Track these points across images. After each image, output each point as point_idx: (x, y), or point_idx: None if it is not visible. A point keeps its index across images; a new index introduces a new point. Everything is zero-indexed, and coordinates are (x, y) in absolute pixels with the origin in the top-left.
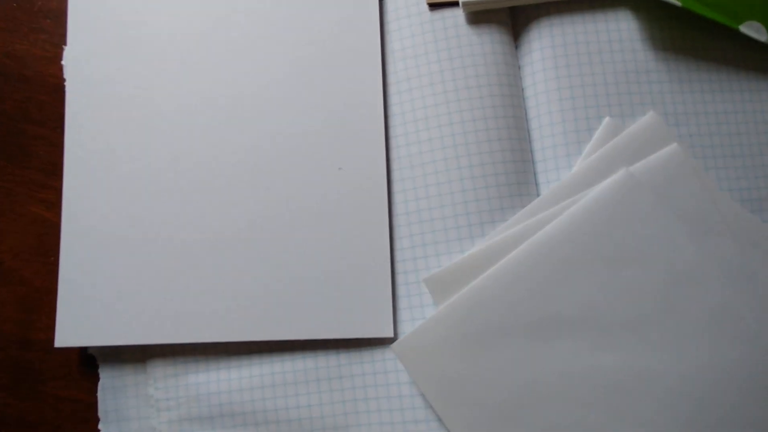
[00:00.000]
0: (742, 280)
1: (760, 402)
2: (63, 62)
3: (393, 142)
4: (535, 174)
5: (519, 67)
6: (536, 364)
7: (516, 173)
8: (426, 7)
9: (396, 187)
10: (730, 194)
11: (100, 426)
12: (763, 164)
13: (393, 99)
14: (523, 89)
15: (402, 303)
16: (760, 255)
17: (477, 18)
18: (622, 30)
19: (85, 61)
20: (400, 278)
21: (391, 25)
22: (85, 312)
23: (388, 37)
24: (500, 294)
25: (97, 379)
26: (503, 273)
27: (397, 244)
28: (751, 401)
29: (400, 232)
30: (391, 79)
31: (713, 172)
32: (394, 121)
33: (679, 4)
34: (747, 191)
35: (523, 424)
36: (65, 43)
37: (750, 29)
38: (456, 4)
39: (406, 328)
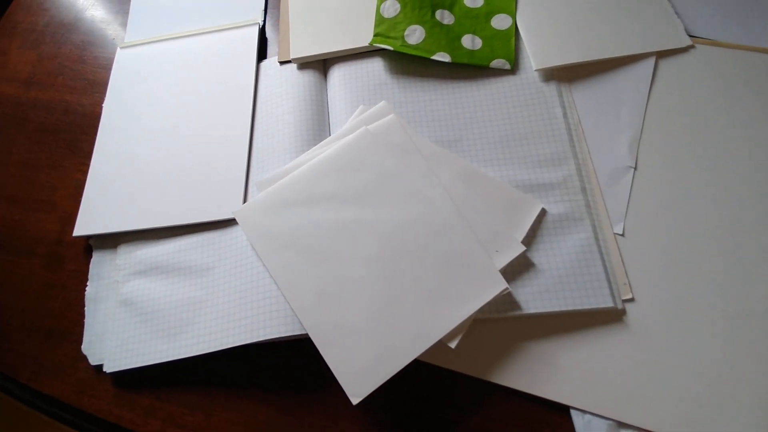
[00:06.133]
0: (428, 177)
1: (432, 237)
2: (103, 105)
3: (255, 124)
4: (330, 133)
5: (326, 89)
6: (310, 219)
7: (314, 135)
8: (278, 63)
9: (255, 141)
10: (431, 138)
11: (87, 283)
12: (451, 124)
13: (259, 107)
14: (328, 99)
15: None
16: (441, 163)
17: (303, 66)
18: (375, 66)
19: (112, 107)
20: (251, 187)
21: (262, 74)
22: (89, 218)
23: (260, 81)
24: (295, 185)
25: (91, 258)
26: (298, 175)
27: (252, 169)
28: (429, 238)
29: (253, 162)
30: (259, 98)
31: (422, 129)
32: (257, 117)
33: (391, 48)
34: (441, 137)
35: (303, 251)
36: (105, 97)
37: (438, 56)
38: (290, 61)
39: None
